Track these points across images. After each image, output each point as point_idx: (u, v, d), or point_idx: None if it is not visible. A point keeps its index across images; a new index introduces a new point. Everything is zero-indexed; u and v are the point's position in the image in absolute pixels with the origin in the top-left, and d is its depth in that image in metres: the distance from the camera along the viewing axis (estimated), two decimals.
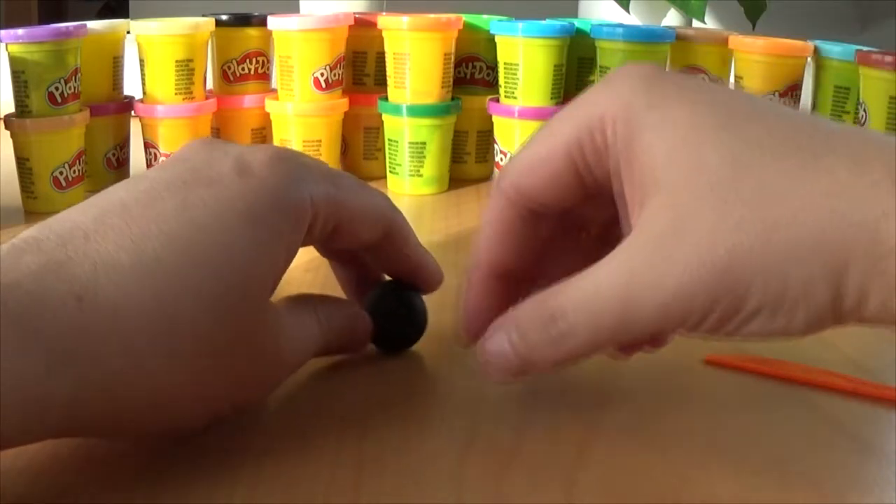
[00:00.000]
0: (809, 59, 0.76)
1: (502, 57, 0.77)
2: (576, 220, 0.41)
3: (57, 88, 0.70)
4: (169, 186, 0.34)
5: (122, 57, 0.78)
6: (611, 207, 0.37)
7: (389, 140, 0.79)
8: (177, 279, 0.32)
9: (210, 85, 0.80)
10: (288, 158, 0.37)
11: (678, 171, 0.33)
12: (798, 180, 0.32)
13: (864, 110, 0.70)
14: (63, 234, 0.32)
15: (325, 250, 0.45)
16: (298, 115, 0.77)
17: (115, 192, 0.35)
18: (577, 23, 0.80)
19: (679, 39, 0.78)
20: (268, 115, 0.79)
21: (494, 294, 0.40)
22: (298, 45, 0.76)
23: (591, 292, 0.34)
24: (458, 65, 0.81)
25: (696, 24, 1.04)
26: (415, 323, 0.46)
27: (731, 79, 0.78)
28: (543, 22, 0.77)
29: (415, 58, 0.76)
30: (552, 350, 0.35)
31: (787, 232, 0.31)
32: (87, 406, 0.31)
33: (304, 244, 0.39)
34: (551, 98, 0.77)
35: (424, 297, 0.46)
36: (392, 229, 0.42)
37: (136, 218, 0.33)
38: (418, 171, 0.78)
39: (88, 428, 0.33)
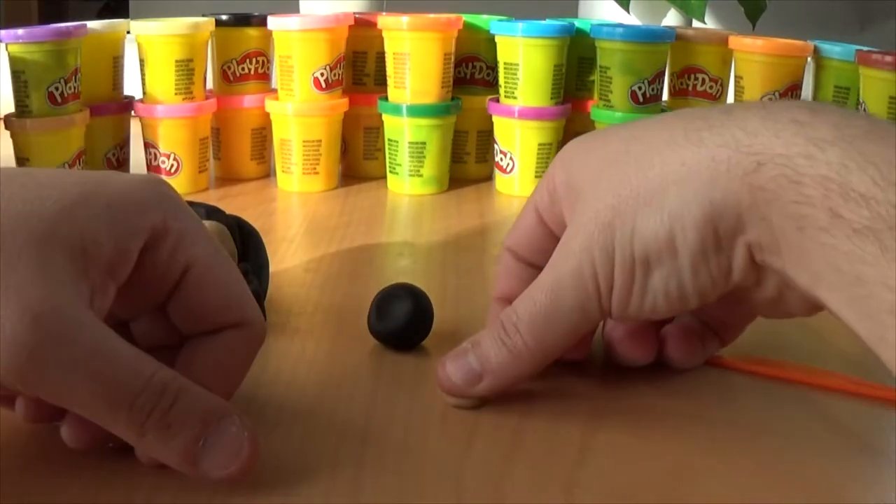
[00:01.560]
0: (809, 59, 0.76)
1: (502, 57, 0.78)
2: None
3: (57, 88, 0.70)
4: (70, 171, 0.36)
5: (122, 57, 0.78)
6: None
7: (389, 140, 0.79)
8: None
9: (210, 85, 0.80)
10: (164, 183, 0.36)
11: (590, 174, 0.39)
12: (671, 130, 0.36)
13: (864, 110, 0.70)
14: None
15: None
16: (298, 115, 0.77)
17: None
18: (577, 23, 0.80)
19: (679, 39, 0.78)
20: (268, 115, 0.79)
21: None
22: (298, 45, 0.76)
23: (530, 290, 0.39)
24: (458, 65, 0.81)
25: (696, 24, 1.04)
26: (422, 323, 0.46)
27: (731, 79, 0.78)
28: (543, 22, 0.77)
29: (415, 58, 0.76)
30: (500, 349, 0.39)
31: (657, 169, 0.36)
32: None
33: (152, 286, 0.36)
34: (551, 98, 0.77)
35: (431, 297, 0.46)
36: (244, 328, 0.36)
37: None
38: (418, 171, 0.78)
39: None
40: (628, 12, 1.08)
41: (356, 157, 0.84)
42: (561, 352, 0.40)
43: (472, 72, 0.82)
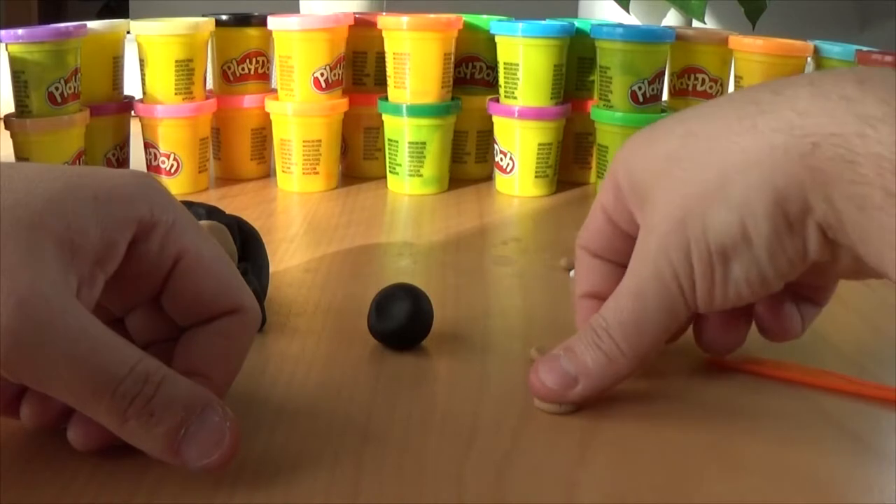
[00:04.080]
0: (809, 59, 0.76)
1: (502, 57, 0.77)
2: None
3: (57, 88, 0.70)
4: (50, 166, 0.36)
5: (122, 57, 0.78)
6: None
7: (389, 140, 0.79)
8: None
9: (210, 85, 0.80)
10: (150, 176, 0.37)
11: (651, 175, 0.38)
12: (726, 118, 0.36)
13: None
14: None
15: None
16: (298, 115, 0.77)
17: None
18: (577, 23, 0.80)
19: (679, 39, 0.78)
20: (268, 115, 0.79)
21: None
22: (298, 45, 0.76)
23: (615, 297, 0.39)
24: (458, 65, 0.81)
25: (696, 24, 1.04)
26: (422, 323, 0.46)
27: (731, 79, 0.78)
28: (543, 22, 0.77)
29: (415, 58, 0.76)
30: (596, 354, 0.39)
31: (717, 160, 0.36)
32: None
33: (144, 279, 0.36)
34: (551, 98, 0.77)
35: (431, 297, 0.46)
36: (239, 314, 0.37)
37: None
38: (418, 171, 0.78)
39: None
40: (628, 12, 1.08)
41: (356, 157, 0.84)
42: (657, 350, 0.40)
43: (472, 72, 0.82)
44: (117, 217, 0.34)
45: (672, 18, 1.10)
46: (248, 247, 0.50)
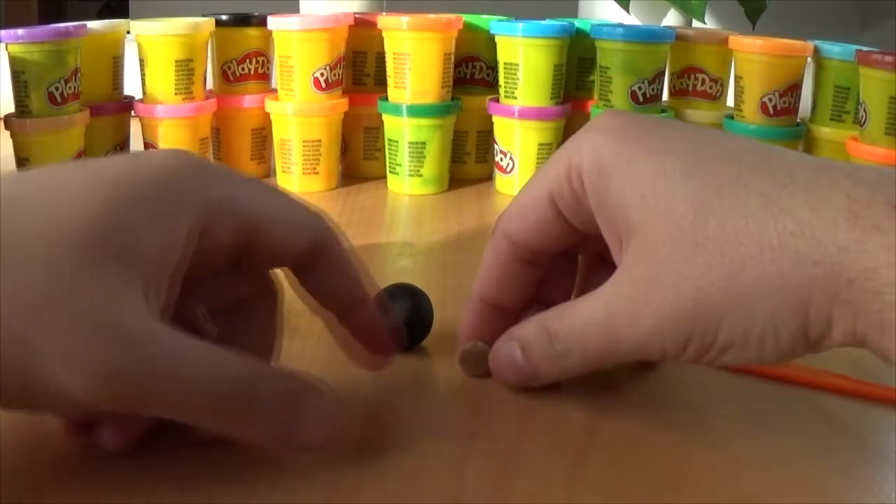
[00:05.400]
0: (809, 59, 0.76)
1: (502, 57, 0.78)
2: (572, 251, 0.43)
3: (57, 88, 0.70)
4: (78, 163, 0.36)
5: (122, 57, 0.78)
6: (602, 241, 0.39)
7: (389, 140, 0.79)
8: (9, 219, 0.31)
9: (210, 85, 0.80)
10: (189, 155, 0.36)
11: (649, 216, 0.36)
12: (759, 222, 0.34)
13: (865, 110, 0.70)
14: None
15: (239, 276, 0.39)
16: (298, 115, 0.77)
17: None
18: (577, 23, 0.80)
19: (679, 39, 0.78)
20: (268, 115, 0.79)
21: (487, 322, 0.43)
22: (298, 45, 0.76)
23: (580, 323, 0.38)
24: (458, 65, 0.81)
25: (696, 24, 1.04)
26: (421, 323, 0.46)
27: (731, 79, 0.79)
28: (543, 22, 0.77)
29: (415, 58, 0.76)
30: (552, 365, 0.39)
31: (751, 273, 0.33)
32: None
33: (217, 257, 0.36)
34: (551, 98, 0.77)
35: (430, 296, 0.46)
36: (323, 244, 0.38)
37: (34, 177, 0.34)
38: (418, 171, 0.78)
39: None
40: (628, 12, 1.08)
41: (356, 158, 0.84)
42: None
43: (472, 72, 0.82)
44: (172, 215, 0.33)
45: (672, 18, 1.10)
46: None
